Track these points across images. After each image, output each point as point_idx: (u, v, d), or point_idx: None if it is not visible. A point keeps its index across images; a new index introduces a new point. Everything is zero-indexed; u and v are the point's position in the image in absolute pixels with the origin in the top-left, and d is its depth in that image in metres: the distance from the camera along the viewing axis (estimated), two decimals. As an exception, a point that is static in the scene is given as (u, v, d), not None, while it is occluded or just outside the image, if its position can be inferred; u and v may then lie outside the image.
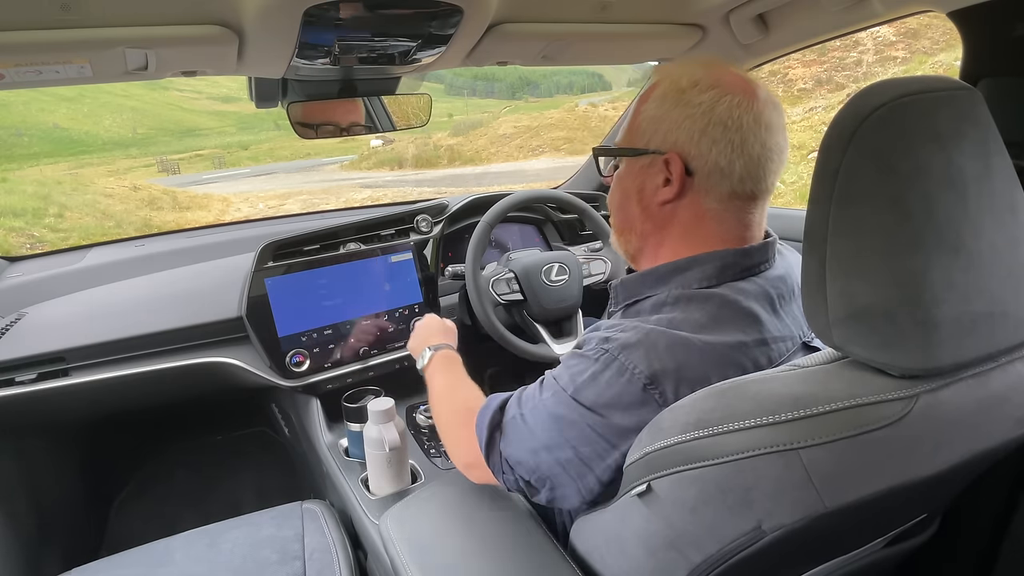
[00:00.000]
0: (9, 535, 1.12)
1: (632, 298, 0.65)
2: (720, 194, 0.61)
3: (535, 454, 0.60)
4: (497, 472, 0.66)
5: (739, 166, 0.59)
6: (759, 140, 0.59)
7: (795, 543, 0.47)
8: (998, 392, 0.48)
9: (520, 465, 0.62)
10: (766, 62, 1.19)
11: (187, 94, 45.65)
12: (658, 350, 0.55)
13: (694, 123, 0.60)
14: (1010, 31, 0.78)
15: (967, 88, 0.46)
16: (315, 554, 0.93)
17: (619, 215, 0.70)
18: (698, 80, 0.60)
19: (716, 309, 0.58)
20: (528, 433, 0.61)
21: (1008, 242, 0.45)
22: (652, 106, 0.63)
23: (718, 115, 0.59)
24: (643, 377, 0.55)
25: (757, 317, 0.58)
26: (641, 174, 0.65)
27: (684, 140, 0.60)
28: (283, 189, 16.54)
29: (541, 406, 0.61)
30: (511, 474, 0.64)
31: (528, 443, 0.61)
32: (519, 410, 0.64)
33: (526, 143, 19.37)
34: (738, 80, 0.61)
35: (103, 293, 1.24)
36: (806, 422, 0.44)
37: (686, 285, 0.61)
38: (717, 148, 0.59)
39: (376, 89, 1.15)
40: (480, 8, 0.82)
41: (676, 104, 0.61)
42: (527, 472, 0.62)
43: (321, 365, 1.21)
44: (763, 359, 0.58)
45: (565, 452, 0.58)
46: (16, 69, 0.78)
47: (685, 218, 0.63)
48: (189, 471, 1.63)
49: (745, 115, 0.59)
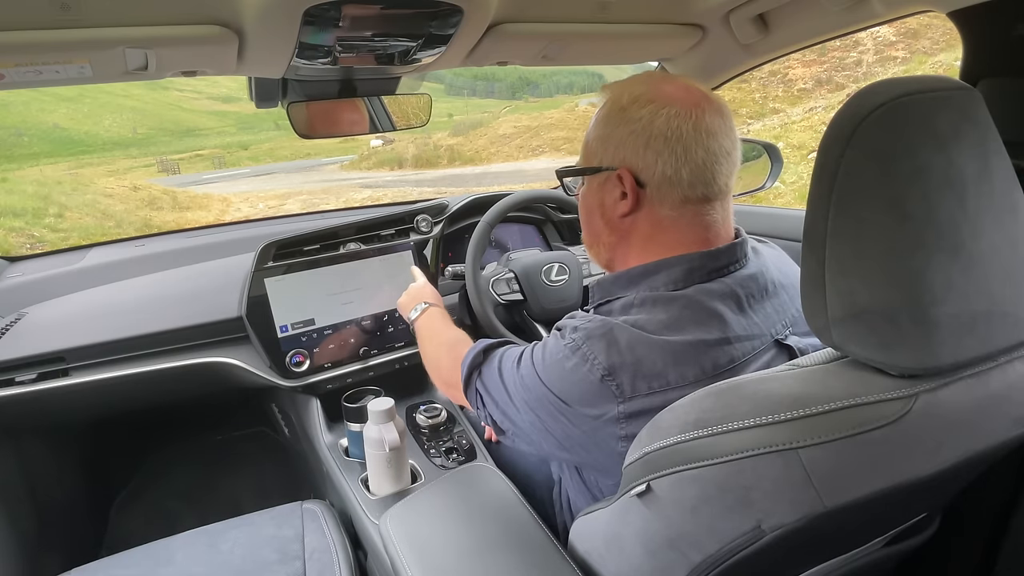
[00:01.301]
0: (9, 535, 1.12)
1: (605, 298, 0.68)
2: (673, 201, 0.64)
3: (503, 407, 0.68)
4: (473, 402, 0.74)
5: (685, 173, 0.62)
6: (702, 146, 0.62)
7: (795, 543, 0.47)
8: (997, 392, 0.48)
9: (490, 406, 0.71)
10: (766, 62, 1.19)
11: (187, 94, 45.69)
12: (619, 345, 0.58)
13: (637, 138, 0.63)
14: (1010, 31, 0.78)
15: (967, 88, 0.46)
16: (315, 554, 0.93)
17: (587, 230, 0.74)
18: (637, 96, 0.64)
19: (679, 310, 0.60)
20: (502, 389, 0.69)
21: (1008, 242, 0.46)
22: (599, 126, 0.67)
23: (657, 128, 0.62)
24: (601, 368, 0.58)
25: (721, 316, 0.60)
26: (600, 191, 0.68)
27: (631, 155, 0.64)
28: (283, 189, 16.55)
29: (517, 376, 0.67)
30: (483, 410, 0.72)
31: (500, 396, 0.69)
32: (499, 364, 0.71)
33: (526, 143, 19.39)
34: (679, 91, 0.63)
35: (103, 293, 1.24)
36: (805, 422, 0.44)
37: (654, 288, 0.64)
38: (662, 159, 0.62)
39: (376, 89, 1.14)
40: (480, 8, 0.82)
41: (620, 122, 0.65)
42: (496, 414, 0.70)
43: (321, 365, 1.21)
44: (723, 358, 0.59)
45: (528, 416, 0.65)
46: (16, 69, 0.78)
47: (645, 227, 0.66)
48: (189, 471, 1.63)
49: (684, 124, 0.61)
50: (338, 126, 1.15)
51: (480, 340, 0.78)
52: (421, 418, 1.18)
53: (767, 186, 1.25)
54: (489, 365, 0.72)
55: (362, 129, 1.17)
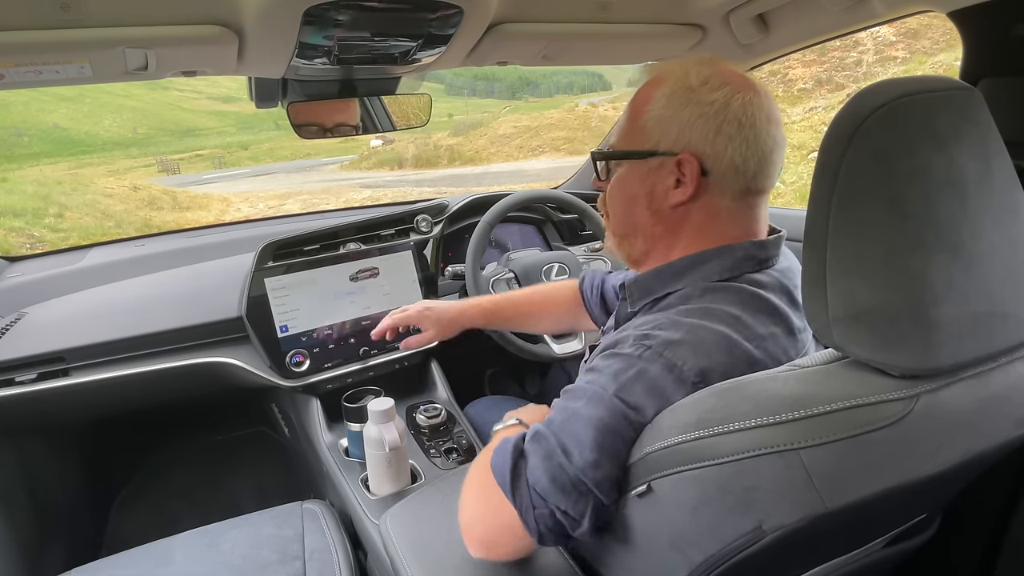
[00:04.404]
0: (9, 535, 1.12)
1: (651, 295, 0.62)
2: (734, 192, 0.60)
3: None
4: (527, 513, 0.56)
5: (753, 163, 0.59)
6: (770, 135, 0.59)
7: (795, 543, 0.47)
8: (998, 392, 0.48)
9: (553, 489, 0.54)
10: (766, 62, 1.19)
11: (187, 94, 45.70)
12: (705, 346, 0.53)
13: (708, 122, 0.58)
14: (1010, 31, 0.78)
15: (967, 88, 0.46)
16: (315, 554, 0.93)
17: (623, 220, 0.66)
18: (707, 78, 0.59)
19: (744, 300, 0.57)
20: (563, 445, 0.54)
21: (1008, 242, 0.45)
22: (658, 106, 0.61)
23: (733, 112, 0.57)
24: (693, 374, 0.52)
25: (779, 308, 0.58)
26: (650, 177, 0.62)
27: (698, 139, 0.58)
28: (283, 189, 16.54)
29: (575, 416, 0.54)
30: (543, 506, 0.55)
31: (564, 456, 0.54)
32: (545, 429, 0.57)
33: (526, 143, 19.38)
34: (741, 77, 0.60)
35: (103, 293, 1.24)
36: (807, 422, 0.44)
37: (706, 278, 0.59)
38: (732, 146, 0.58)
39: (376, 89, 1.14)
40: (480, 8, 0.82)
41: (686, 103, 0.59)
42: (563, 496, 0.54)
43: (321, 365, 1.21)
44: (792, 351, 0.58)
45: (609, 463, 0.53)
46: (16, 69, 0.78)
47: (699, 218, 0.61)
48: (189, 471, 1.63)
49: (758, 112, 0.58)
50: (338, 126, 1.15)
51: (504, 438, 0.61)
52: (421, 418, 1.18)
53: (767, 186, 1.24)
54: (531, 437, 0.58)
55: (362, 129, 1.17)
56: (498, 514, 0.58)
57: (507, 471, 0.57)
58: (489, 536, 0.62)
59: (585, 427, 0.53)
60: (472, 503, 0.65)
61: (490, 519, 0.61)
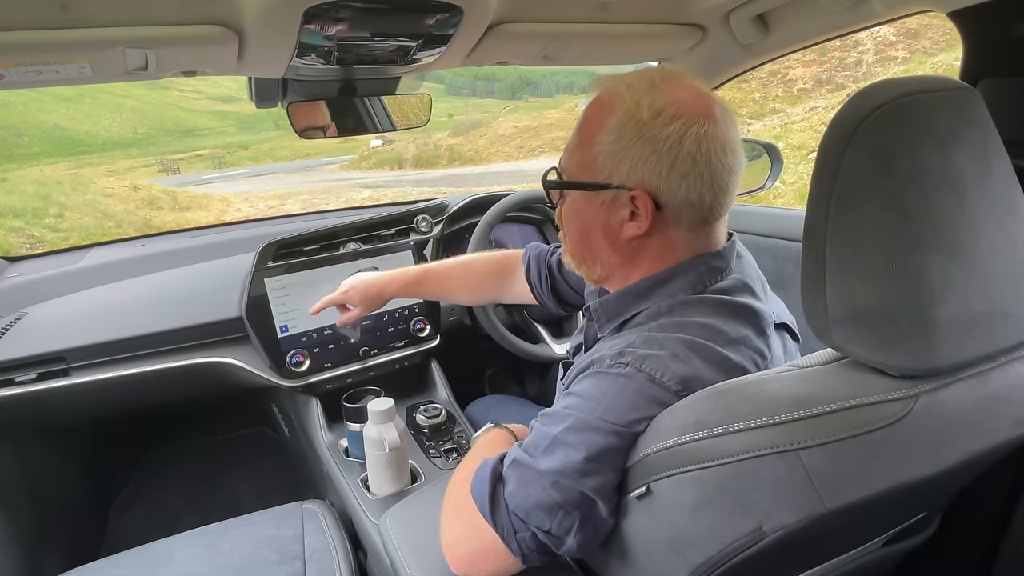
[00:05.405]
0: (9, 535, 1.12)
1: (619, 317, 0.63)
2: (691, 223, 0.59)
3: (555, 487, 0.53)
4: (509, 537, 0.56)
5: (708, 197, 0.57)
6: (724, 166, 0.57)
7: (795, 544, 0.47)
8: (998, 392, 0.48)
9: (535, 512, 0.54)
10: (766, 62, 1.19)
11: (187, 94, 45.70)
12: (682, 356, 0.54)
13: (660, 159, 0.56)
14: (1010, 31, 0.78)
15: (967, 88, 0.46)
16: (315, 554, 0.93)
17: (580, 246, 0.65)
18: (660, 110, 0.56)
19: (715, 309, 0.58)
20: (541, 470, 0.54)
21: (1008, 242, 0.45)
22: (609, 139, 0.58)
23: (686, 150, 0.56)
24: (675, 383, 0.53)
25: (747, 306, 0.59)
26: (603, 209, 0.61)
27: (651, 176, 0.57)
28: (283, 189, 16.54)
29: (556, 440, 0.54)
30: (524, 530, 0.55)
31: (545, 479, 0.54)
32: (523, 452, 0.57)
33: (526, 143, 19.39)
34: (694, 99, 0.57)
35: (103, 293, 1.24)
36: (806, 423, 0.44)
37: (671, 295, 0.60)
38: (687, 183, 0.56)
39: (376, 89, 1.14)
40: (480, 8, 0.82)
41: (637, 138, 0.57)
42: (545, 517, 0.54)
43: (321, 365, 1.21)
44: (765, 349, 0.59)
45: (594, 480, 0.53)
46: (16, 69, 0.78)
47: (656, 247, 0.61)
48: (189, 471, 1.63)
49: (712, 144, 0.56)
50: (338, 126, 1.15)
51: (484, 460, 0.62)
52: (421, 418, 1.18)
53: (767, 186, 1.25)
54: (511, 460, 0.58)
55: (362, 129, 1.17)
56: (481, 535, 0.58)
57: (486, 497, 0.57)
58: (473, 558, 0.61)
59: (568, 448, 0.53)
60: (452, 522, 0.64)
61: (474, 540, 0.60)
